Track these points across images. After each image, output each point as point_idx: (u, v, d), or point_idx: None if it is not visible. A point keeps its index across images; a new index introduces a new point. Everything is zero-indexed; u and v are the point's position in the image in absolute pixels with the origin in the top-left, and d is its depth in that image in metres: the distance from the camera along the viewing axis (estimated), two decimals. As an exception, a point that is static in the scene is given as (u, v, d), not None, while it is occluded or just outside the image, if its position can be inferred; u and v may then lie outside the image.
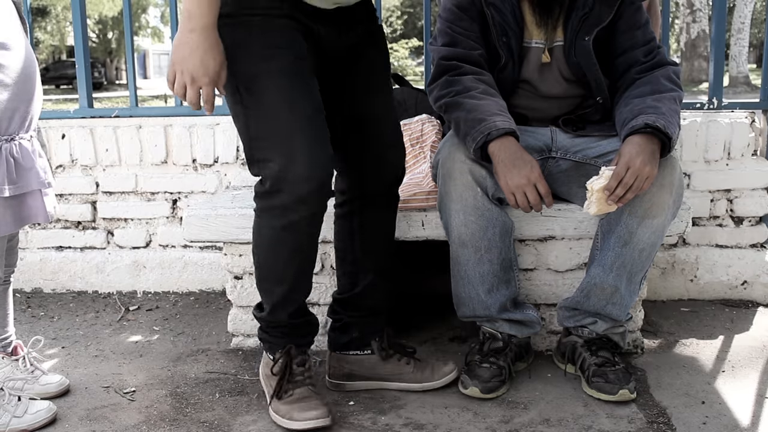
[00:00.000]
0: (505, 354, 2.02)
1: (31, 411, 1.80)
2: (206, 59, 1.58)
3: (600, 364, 1.95)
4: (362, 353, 2.00)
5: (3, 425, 1.77)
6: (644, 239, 1.92)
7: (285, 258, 1.76)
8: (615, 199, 1.80)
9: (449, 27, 2.09)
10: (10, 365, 1.97)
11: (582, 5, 2.02)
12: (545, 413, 1.86)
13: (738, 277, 2.74)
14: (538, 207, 1.87)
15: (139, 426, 1.82)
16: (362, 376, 1.99)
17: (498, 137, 1.87)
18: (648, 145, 1.81)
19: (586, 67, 2.05)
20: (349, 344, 2.00)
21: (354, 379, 1.99)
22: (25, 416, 1.79)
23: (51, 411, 1.83)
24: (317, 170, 1.66)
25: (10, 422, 1.77)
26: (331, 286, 2.26)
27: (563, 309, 2.09)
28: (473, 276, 1.99)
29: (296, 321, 1.83)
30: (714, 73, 2.82)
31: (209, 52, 1.58)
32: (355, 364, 2.00)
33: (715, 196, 2.77)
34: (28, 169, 1.78)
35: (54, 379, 2.00)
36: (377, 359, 1.98)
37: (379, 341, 1.99)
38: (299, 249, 1.76)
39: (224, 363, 2.20)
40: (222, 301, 2.81)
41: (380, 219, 1.97)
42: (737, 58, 16.30)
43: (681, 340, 2.33)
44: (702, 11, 17.42)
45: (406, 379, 1.96)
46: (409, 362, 1.98)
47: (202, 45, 1.57)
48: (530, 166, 1.86)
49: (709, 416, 1.82)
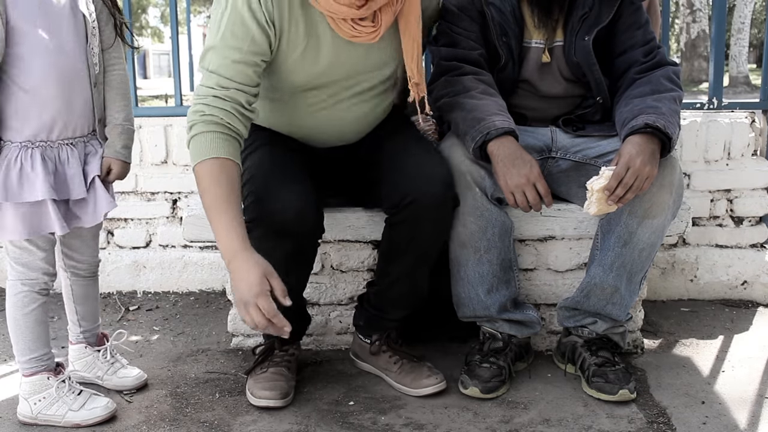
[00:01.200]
0: (505, 354, 2.02)
1: (88, 407, 1.83)
2: (251, 279, 1.60)
3: (600, 364, 1.95)
4: (364, 340, 2.11)
5: (59, 416, 1.81)
6: (644, 239, 1.92)
7: None
8: (615, 199, 1.80)
9: (449, 27, 2.09)
10: (91, 355, 2.02)
11: (582, 5, 2.02)
12: (545, 413, 1.86)
13: (738, 277, 2.74)
14: (538, 207, 1.87)
15: (139, 426, 1.82)
16: (363, 358, 2.12)
17: (497, 137, 1.87)
18: (648, 145, 1.81)
19: (586, 67, 2.05)
20: (357, 327, 2.14)
21: (359, 359, 2.14)
22: (81, 411, 1.82)
23: (108, 409, 1.84)
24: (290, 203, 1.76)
25: (66, 415, 1.81)
26: (330, 285, 2.27)
27: (563, 309, 2.09)
28: (473, 276, 1.99)
29: None
30: (714, 73, 2.82)
31: (251, 272, 1.60)
32: (360, 346, 2.13)
33: (715, 196, 2.77)
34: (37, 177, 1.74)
35: (132, 373, 2.02)
36: (369, 350, 2.07)
37: (378, 336, 2.06)
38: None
39: (224, 363, 2.20)
40: (222, 301, 2.81)
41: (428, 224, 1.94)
42: (737, 58, 16.29)
43: (681, 340, 2.33)
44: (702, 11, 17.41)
45: (391, 377, 2.02)
46: (397, 362, 2.01)
47: (243, 269, 1.61)
48: (530, 165, 1.86)
49: (709, 416, 1.82)
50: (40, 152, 1.74)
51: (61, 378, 1.85)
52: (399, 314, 2.05)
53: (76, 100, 1.78)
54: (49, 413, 1.81)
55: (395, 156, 1.93)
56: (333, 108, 1.94)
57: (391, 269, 1.97)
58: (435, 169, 1.88)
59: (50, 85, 1.73)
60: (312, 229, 1.85)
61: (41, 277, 1.83)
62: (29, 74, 1.71)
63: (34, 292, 1.83)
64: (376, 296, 2.06)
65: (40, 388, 1.83)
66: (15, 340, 1.84)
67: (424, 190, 1.83)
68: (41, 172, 1.72)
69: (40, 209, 1.75)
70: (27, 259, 1.81)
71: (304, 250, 1.91)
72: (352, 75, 1.90)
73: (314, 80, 1.87)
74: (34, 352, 1.84)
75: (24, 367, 1.85)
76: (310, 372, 2.14)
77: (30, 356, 1.84)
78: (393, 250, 1.96)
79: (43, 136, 1.75)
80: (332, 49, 1.83)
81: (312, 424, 1.82)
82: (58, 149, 1.77)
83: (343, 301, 2.28)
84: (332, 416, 1.86)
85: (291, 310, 1.89)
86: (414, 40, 1.89)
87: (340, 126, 1.99)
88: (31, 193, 1.72)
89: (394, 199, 1.87)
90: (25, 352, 1.84)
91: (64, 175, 1.78)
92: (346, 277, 2.27)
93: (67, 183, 1.78)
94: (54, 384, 1.83)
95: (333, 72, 1.87)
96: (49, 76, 1.72)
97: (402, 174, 1.87)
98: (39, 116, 1.73)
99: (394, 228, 1.93)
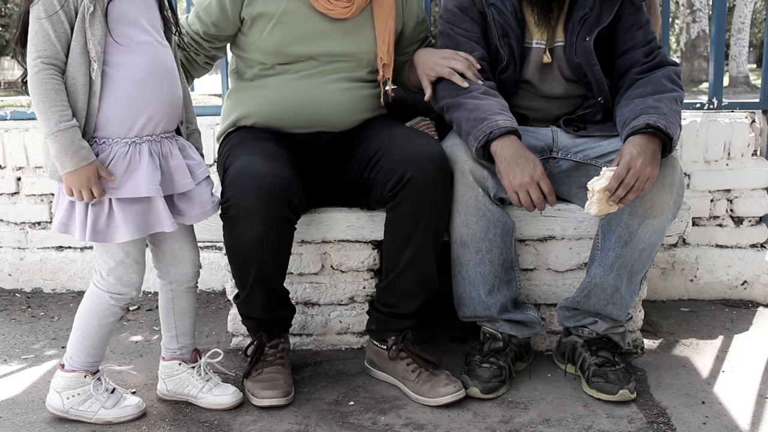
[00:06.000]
0: (506, 354, 2.02)
1: (121, 405, 1.83)
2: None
3: (600, 364, 1.95)
4: (379, 345, 2.05)
5: (91, 413, 1.82)
6: (645, 239, 1.92)
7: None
8: (616, 199, 1.80)
9: (450, 28, 2.09)
10: (185, 372, 1.93)
11: (582, 5, 2.02)
12: (545, 413, 1.86)
13: (738, 277, 2.74)
14: (542, 206, 1.87)
15: (139, 426, 1.82)
16: (380, 366, 2.07)
17: (500, 136, 1.87)
18: (649, 146, 1.81)
19: (587, 68, 2.04)
20: (371, 333, 2.10)
21: (375, 366, 2.09)
22: (113, 409, 1.82)
23: (139, 408, 1.85)
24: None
25: (98, 412, 1.82)
26: (331, 285, 2.26)
27: (563, 309, 2.09)
28: (474, 276, 1.99)
29: (266, 317, 2.01)
30: (714, 73, 2.82)
31: None
32: (375, 353, 2.08)
33: (715, 196, 2.77)
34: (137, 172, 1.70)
35: (228, 391, 1.93)
36: (387, 356, 2.02)
37: (394, 340, 2.01)
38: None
39: (224, 363, 2.20)
40: (222, 301, 2.81)
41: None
42: (737, 58, 16.29)
43: (681, 340, 2.33)
44: (702, 11, 17.41)
45: (409, 386, 1.97)
46: (416, 370, 1.96)
47: None
48: (533, 164, 1.86)
49: (709, 416, 1.82)
50: (147, 147, 1.71)
51: (96, 376, 1.84)
52: (412, 306, 2.01)
53: (174, 93, 1.77)
54: (81, 409, 1.81)
55: (389, 141, 1.98)
56: (314, 84, 2.06)
57: (399, 257, 1.95)
58: (430, 148, 1.94)
59: (155, 77, 1.71)
60: (289, 205, 1.85)
61: (132, 293, 1.81)
62: (136, 67, 1.69)
63: (118, 307, 1.81)
64: (386, 292, 2.03)
65: (76, 384, 1.82)
66: (78, 340, 1.81)
67: (422, 165, 1.88)
68: (148, 167, 1.69)
69: (148, 207, 1.71)
70: (121, 272, 1.78)
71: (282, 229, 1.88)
72: (329, 52, 2.05)
73: (292, 47, 2.04)
74: (91, 356, 1.83)
75: (71, 363, 1.83)
76: (310, 372, 2.14)
77: (85, 359, 1.82)
78: (398, 236, 1.95)
79: (149, 129, 1.72)
80: (309, 21, 2.02)
81: (312, 424, 1.82)
82: (161, 143, 1.74)
83: (343, 301, 2.28)
84: (332, 416, 1.86)
85: (276, 299, 2.00)
86: (386, 26, 2.08)
87: (323, 106, 2.06)
88: (138, 189, 1.68)
89: (394, 179, 1.89)
90: (82, 353, 1.82)
91: (168, 170, 1.75)
92: (346, 277, 2.27)
93: (172, 177, 1.75)
94: (90, 382, 1.82)
95: (310, 44, 2.03)
96: (154, 68, 1.71)
97: (398, 154, 1.91)
98: (145, 110, 1.70)
99: (396, 210, 1.93)
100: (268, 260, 1.90)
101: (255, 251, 1.86)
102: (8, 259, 2.95)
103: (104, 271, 1.78)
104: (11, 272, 2.95)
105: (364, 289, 2.26)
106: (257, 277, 1.91)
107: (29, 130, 2.90)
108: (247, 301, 1.98)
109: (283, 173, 1.84)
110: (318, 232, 2.12)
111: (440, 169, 1.92)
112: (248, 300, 1.97)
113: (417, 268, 1.95)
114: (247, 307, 2.01)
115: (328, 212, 2.10)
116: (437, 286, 2.02)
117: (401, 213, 1.92)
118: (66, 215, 1.72)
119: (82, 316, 1.82)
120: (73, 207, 1.71)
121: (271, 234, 1.85)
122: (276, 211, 1.83)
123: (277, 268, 1.95)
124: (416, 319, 2.04)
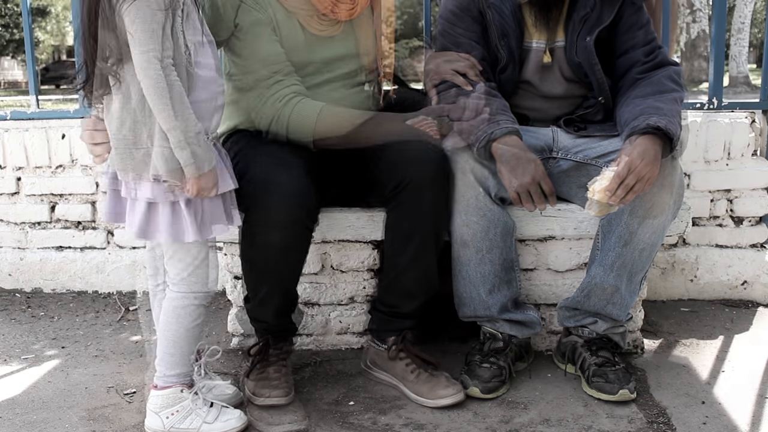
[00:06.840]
0: (506, 354, 2.02)
1: (222, 418, 1.77)
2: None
3: (600, 364, 1.95)
4: (379, 346, 2.05)
5: (194, 429, 1.76)
6: (645, 239, 1.92)
7: None
8: (616, 200, 1.80)
9: (450, 28, 2.09)
10: (189, 399, 1.79)
11: (583, 5, 2.02)
12: (545, 413, 1.86)
13: (738, 277, 2.74)
14: (543, 206, 1.87)
15: (139, 426, 1.82)
16: (380, 367, 2.06)
17: (501, 136, 1.87)
18: (650, 146, 1.81)
19: (587, 68, 2.05)
20: (372, 333, 2.10)
21: (376, 366, 2.08)
22: (215, 423, 1.76)
23: (242, 420, 1.78)
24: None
25: (201, 427, 1.75)
26: (331, 285, 2.27)
27: (563, 309, 2.09)
28: (474, 276, 1.99)
29: (277, 321, 2.00)
30: (714, 73, 2.82)
31: None
32: (375, 354, 2.07)
33: (715, 196, 2.77)
34: None
35: (228, 391, 1.91)
36: (387, 356, 2.03)
37: (394, 340, 2.02)
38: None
39: (224, 363, 2.20)
40: (222, 301, 2.81)
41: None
42: (737, 58, 16.30)
43: (681, 340, 2.33)
44: (702, 11, 17.42)
45: (408, 386, 1.97)
46: (414, 371, 1.97)
47: None
48: (534, 164, 1.86)
49: (709, 416, 1.82)
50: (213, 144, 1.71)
51: (193, 390, 1.79)
52: (413, 305, 2.01)
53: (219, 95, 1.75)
54: (183, 426, 1.75)
55: (390, 144, 1.95)
56: (318, 87, 2.03)
57: (400, 257, 1.95)
58: (430, 148, 1.93)
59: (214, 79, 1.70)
60: (309, 213, 1.85)
61: (214, 288, 1.79)
62: (209, 66, 1.69)
63: (203, 306, 1.78)
64: (387, 291, 2.04)
65: (173, 402, 1.76)
66: (169, 353, 1.76)
67: (422, 165, 1.88)
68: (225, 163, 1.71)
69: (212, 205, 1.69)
70: (203, 270, 1.75)
71: (301, 237, 1.88)
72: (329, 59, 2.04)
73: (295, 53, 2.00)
74: (185, 366, 1.78)
75: (166, 380, 1.77)
76: (310, 372, 2.14)
77: (180, 370, 1.77)
78: (399, 236, 1.94)
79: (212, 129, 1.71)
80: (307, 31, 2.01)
81: (312, 424, 1.82)
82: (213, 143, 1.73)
83: (343, 301, 2.28)
84: (332, 416, 1.86)
85: (289, 305, 1.99)
86: (385, 24, 2.15)
87: None
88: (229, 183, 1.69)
89: (395, 180, 1.89)
90: (175, 366, 1.77)
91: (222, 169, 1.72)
92: (346, 277, 2.27)
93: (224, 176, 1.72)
94: (188, 396, 1.77)
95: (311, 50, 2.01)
96: (213, 69, 1.70)
97: (399, 154, 1.90)
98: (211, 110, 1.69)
99: (397, 210, 1.93)
100: (287, 269, 1.90)
101: (276, 260, 1.85)
102: (8, 259, 2.95)
103: (185, 274, 1.74)
104: (11, 272, 2.95)
105: (364, 289, 2.26)
106: (275, 285, 1.90)
107: (29, 130, 2.90)
108: (260, 306, 1.96)
109: (302, 181, 1.83)
110: (318, 232, 2.11)
111: (441, 169, 1.92)
112: (261, 304, 1.95)
113: (418, 267, 1.95)
114: (258, 312, 1.99)
115: (328, 212, 2.10)
116: (438, 286, 2.02)
117: (402, 213, 1.92)
118: (144, 221, 1.67)
119: (168, 328, 1.76)
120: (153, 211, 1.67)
121: (294, 243, 1.86)
122: (298, 220, 1.83)
123: (294, 276, 1.95)
124: (417, 319, 2.05)
